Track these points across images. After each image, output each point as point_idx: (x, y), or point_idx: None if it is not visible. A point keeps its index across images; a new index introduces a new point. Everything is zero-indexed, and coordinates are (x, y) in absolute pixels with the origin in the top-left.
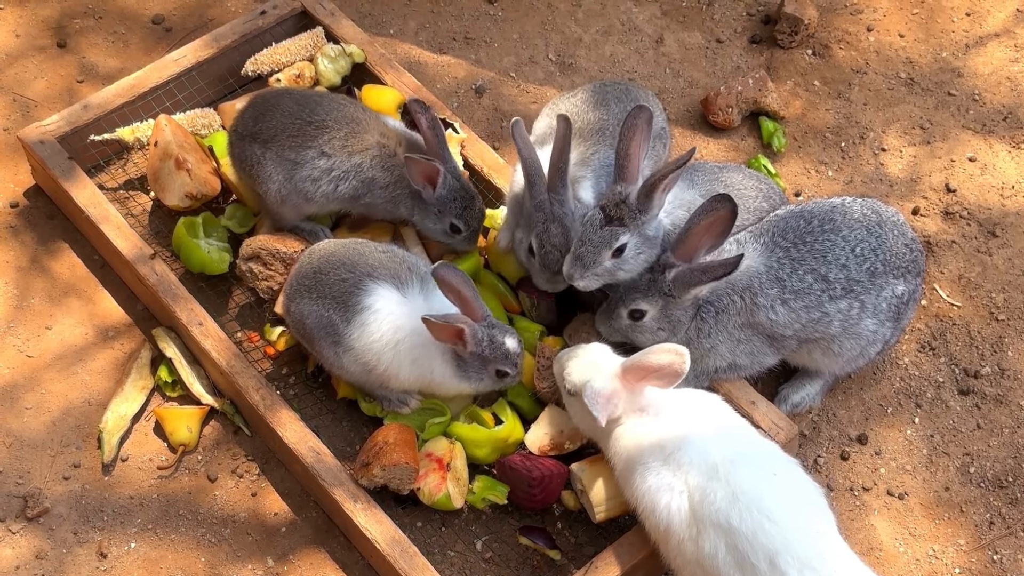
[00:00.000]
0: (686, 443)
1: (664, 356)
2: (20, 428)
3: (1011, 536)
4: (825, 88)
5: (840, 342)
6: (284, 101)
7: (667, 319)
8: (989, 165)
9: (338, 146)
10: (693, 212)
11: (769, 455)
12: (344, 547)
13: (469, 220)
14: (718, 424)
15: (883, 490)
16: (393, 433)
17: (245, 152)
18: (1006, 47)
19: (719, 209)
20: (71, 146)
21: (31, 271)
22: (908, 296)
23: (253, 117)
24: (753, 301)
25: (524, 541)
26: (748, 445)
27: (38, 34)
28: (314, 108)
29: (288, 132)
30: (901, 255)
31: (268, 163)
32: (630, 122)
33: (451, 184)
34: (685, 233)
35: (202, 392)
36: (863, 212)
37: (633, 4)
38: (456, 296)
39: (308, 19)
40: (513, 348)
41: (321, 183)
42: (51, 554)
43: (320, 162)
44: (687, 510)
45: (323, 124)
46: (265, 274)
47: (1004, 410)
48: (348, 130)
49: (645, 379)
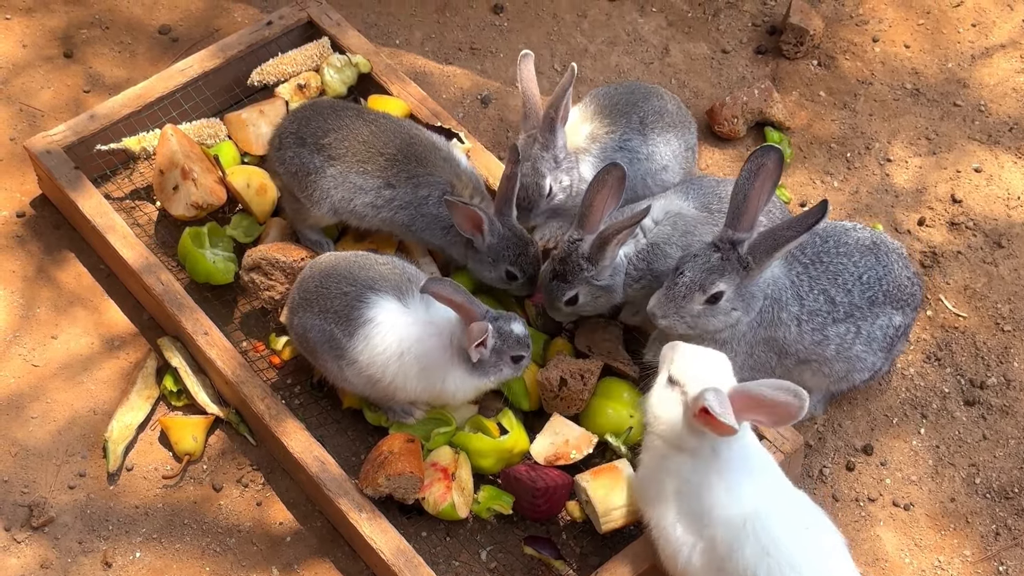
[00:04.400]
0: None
1: (781, 394)
2: (25, 437)
3: (1017, 547)
4: (831, 99)
5: (831, 365)
6: (359, 126)
7: (741, 298)
8: (995, 176)
9: (404, 178)
10: (736, 183)
11: (799, 506)
12: (349, 557)
13: (524, 266)
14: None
15: (889, 501)
16: (398, 443)
17: (303, 159)
18: (1012, 58)
19: (766, 162)
20: (77, 156)
21: (37, 281)
22: (904, 329)
23: (322, 129)
24: (778, 316)
25: (529, 551)
26: (780, 495)
27: (45, 44)
28: (388, 141)
29: (359, 158)
30: (903, 287)
31: (328, 179)
32: (601, 176)
33: (500, 231)
34: (741, 203)
35: (207, 401)
36: (872, 241)
37: (638, 15)
38: (450, 304)
39: (314, 29)
40: (521, 331)
41: (382, 210)
42: (56, 563)
43: (385, 192)
44: (710, 563)
45: (395, 158)
46: (267, 284)
47: (1010, 421)
48: (419, 165)
49: (750, 412)
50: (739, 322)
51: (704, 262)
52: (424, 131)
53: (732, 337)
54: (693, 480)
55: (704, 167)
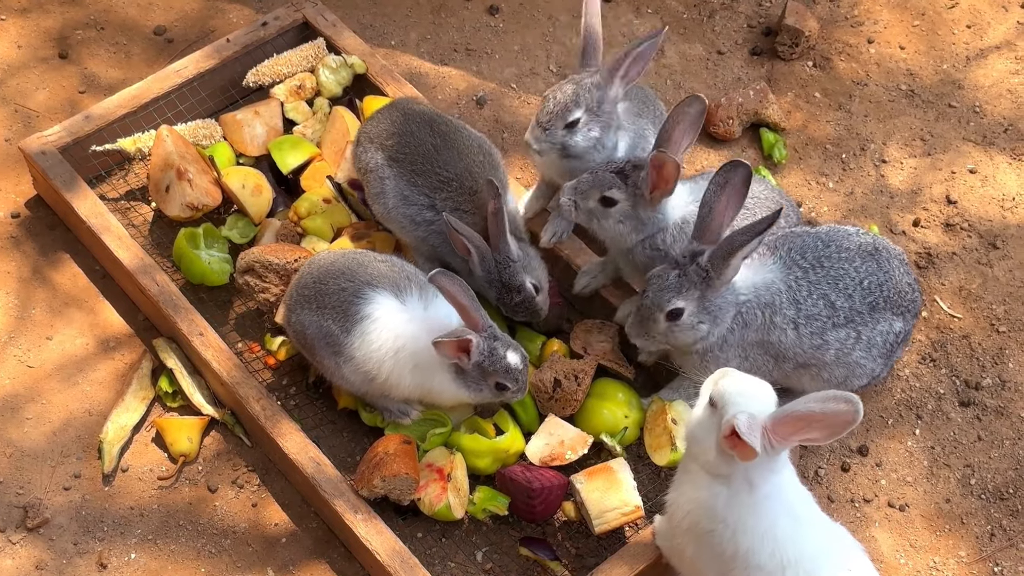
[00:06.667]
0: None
1: (832, 404)
2: (20, 438)
3: (1012, 548)
4: (826, 100)
5: (831, 370)
6: (425, 137)
7: (706, 311)
8: (990, 177)
9: (450, 207)
10: (705, 193)
11: (839, 545)
12: (344, 558)
13: (506, 309)
14: (798, 513)
15: (884, 502)
16: (393, 444)
17: (368, 155)
18: (1007, 59)
19: (732, 178)
20: (72, 157)
21: (32, 282)
22: (904, 335)
23: (388, 132)
24: (772, 320)
25: (525, 552)
26: (822, 536)
27: (40, 45)
28: (447, 162)
29: (415, 169)
30: (904, 293)
31: (388, 180)
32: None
33: (491, 268)
34: (706, 216)
35: (202, 402)
36: (874, 246)
37: (634, 16)
38: (455, 304)
39: (309, 30)
40: (515, 363)
41: (419, 229)
42: (51, 565)
43: (428, 213)
44: None
45: (448, 181)
46: (261, 286)
47: (1005, 422)
48: (468, 196)
49: (801, 432)
50: (709, 334)
51: (662, 282)
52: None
53: (716, 345)
54: (729, 519)
55: (699, 168)
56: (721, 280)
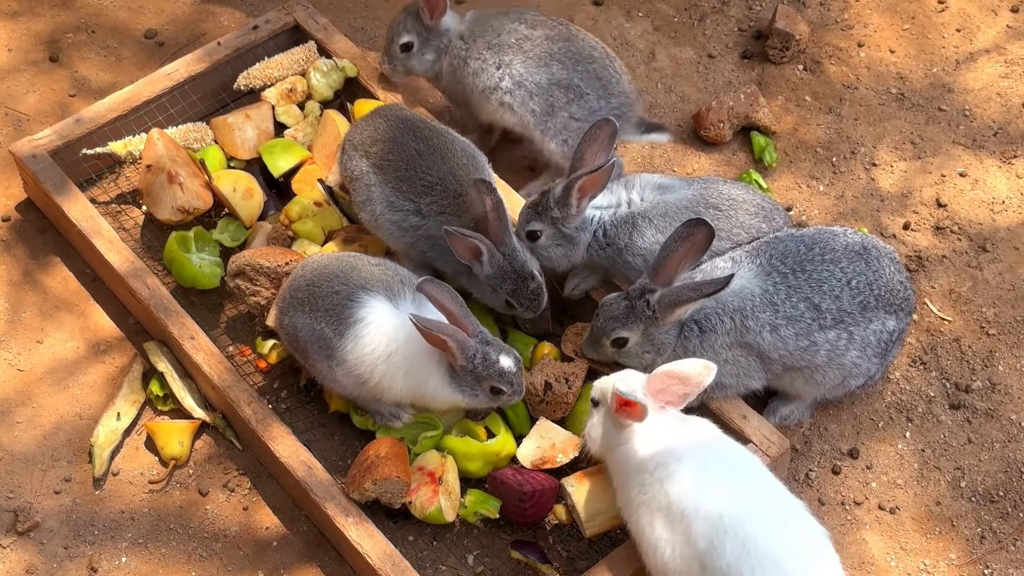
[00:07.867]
0: (689, 492)
1: (689, 365)
2: (11, 442)
3: (1002, 550)
4: (816, 103)
5: (824, 372)
6: (408, 142)
7: (650, 342)
8: (980, 180)
9: (435, 211)
10: (668, 238)
11: (776, 499)
12: (336, 561)
13: (520, 299)
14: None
15: (874, 504)
16: (385, 447)
17: (353, 163)
18: (996, 63)
19: (695, 234)
20: (63, 160)
21: (23, 285)
22: (899, 334)
23: (372, 139)
24: (743, 323)
25: (516, 555)
26: (755, 490)
27: (30, 48)
28: (431, 166)
29: (398, 175)
30: (896, 292)
31: (375, 187)
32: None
33: (499, 263)
34: (663, 260)
35: (193, 406)
36: (863, 245)
37: (625, 19)
38: (443, 311)
39: (300, 33)
40: (508, 367)
41: (406, 235)
42: (41, 568)
43: (414, 219)
44: (691, 556)
45: (432, 186)
46: (252, 290)
47: (995, 424)
48: (453, 200)
49: (669, 386)
50: (654, 363)
51: (611, 311)
52: (467, 162)
53: (692, 349)
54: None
55: (689, 172)
56: (665, 321)
